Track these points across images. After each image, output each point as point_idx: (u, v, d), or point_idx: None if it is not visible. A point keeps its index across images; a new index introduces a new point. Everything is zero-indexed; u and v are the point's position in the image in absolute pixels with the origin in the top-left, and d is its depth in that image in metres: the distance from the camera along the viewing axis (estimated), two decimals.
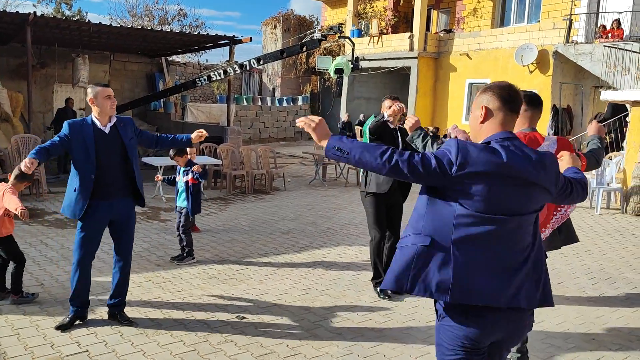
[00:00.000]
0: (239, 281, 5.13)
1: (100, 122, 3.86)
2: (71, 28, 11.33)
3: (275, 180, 11.27)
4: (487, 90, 2.16)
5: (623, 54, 13.02)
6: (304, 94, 23.48)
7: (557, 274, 5.73)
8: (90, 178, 3.76)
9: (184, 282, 5.02)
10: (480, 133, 2.15)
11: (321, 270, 5.59)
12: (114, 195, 3.88)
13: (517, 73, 16.01)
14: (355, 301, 4.72)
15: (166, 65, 16.69)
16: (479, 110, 2.15)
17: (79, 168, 3.80)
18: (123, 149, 3.90)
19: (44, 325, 3.94)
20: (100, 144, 3.81)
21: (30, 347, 3.59)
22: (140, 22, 25.00)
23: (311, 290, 4.95)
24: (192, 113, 18.13)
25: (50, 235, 6.46)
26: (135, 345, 3.69)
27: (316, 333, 4.01)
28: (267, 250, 6.28)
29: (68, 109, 12.17)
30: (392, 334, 4.05)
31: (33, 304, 4.33)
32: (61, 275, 5.06)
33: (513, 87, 2.15)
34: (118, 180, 3.90)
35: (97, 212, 3.84)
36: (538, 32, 15.69)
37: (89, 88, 3.89)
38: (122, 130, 3.93)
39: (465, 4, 19.43)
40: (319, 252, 6.29)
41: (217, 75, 11.51)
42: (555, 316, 4.50)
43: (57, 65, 14.24)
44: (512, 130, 2.15)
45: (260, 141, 19.89)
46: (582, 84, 15.60)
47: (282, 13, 23.97)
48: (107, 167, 3.82)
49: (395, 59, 18.81)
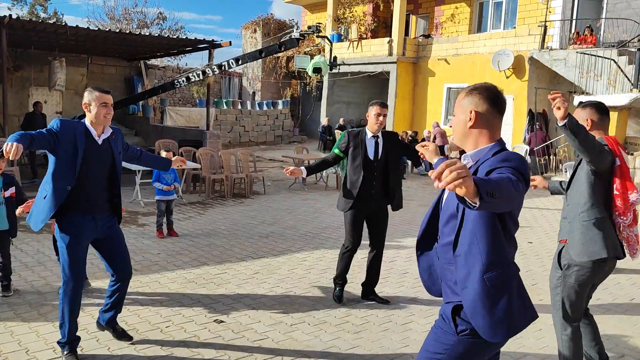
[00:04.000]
0: (217, 285, 5.13)
1: (95, 131, 3.48)
2: (47, 31, 11.22)
3: (255, 184, 11.28)
4: (472, 93, 2.10)
5: (595, 60, 13.32)
6: (284, 98, 23.51)
7: (532, 275, 5.84)
8: (66, 189, 3.35)
9: (162, 287, 5.01)
10: (469, 138, 2.10)
11: (299, 273, 5.62)
12: (96, 210, 3.51)
13: (494, 78, 16.24)
14: (333, 304, 4.75)
15: (145, 68, 16.59)
16: (466, 114, 2.08)
17: (56, 175, 3.36)
18: (113, 164, 3.57)
19: (18, 331, 3.90)
20: (90, 155, 3.42)
21: (5, 353, 3.56)
22: (119, 25, 24.78)
23: (289, 294, 4.97)
24: (171, 117, 18.02)
25: (25, 241, 6.38)
26: (112, 350, 3.68)
27: (293, 336, 4.03)
28: (245, 254, 6.29)
29: (36, 113, 12.00)
30: (369, 336, 4.10)
31: (8, 310, 4.29)
32: (36, 281, 5.00)
33: (497, 87, 2.12)
34: (100, 195, 3.53)
35: (83, 226, 3.46)
36: (514, 38, 15.98)
37: (86, 91, 3.50)
38: (114, 144, 3.60)
39: (444, 9, 19.72)
40: (298, 255, 6.32)
41: (195, 77, 11.49)
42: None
43: (34, 68, 14.07)
44: (499, 132, 2.12)
45: (241, 145, 19.83)
46: (557, 89, 15.91)
47: (262, 17, 24.01)
48: (92, 179, 3.46)
49: (374, 64, 18.96)
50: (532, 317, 2.10)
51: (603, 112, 3.31)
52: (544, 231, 8.10)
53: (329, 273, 5.64)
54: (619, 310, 4.84)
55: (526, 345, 4.02)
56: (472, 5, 18.97)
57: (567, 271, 3.24)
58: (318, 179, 12.58)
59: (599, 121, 3.27)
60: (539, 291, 5.31)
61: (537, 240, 7.52)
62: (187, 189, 10.45)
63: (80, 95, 15.21)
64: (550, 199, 11.00)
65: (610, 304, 4.99)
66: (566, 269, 3.24)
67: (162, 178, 7.00)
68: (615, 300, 5.11)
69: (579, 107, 3.36)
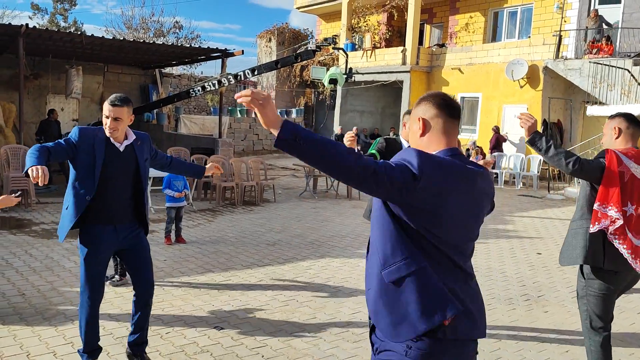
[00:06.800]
0: (221, 292, 5.16)
1: (115, 138, 3.34)
2: (64, 40, 11.44)
3: (265, 192, 11.33)
4: (420, 102, 2.04)
5: (609, 69, 13.19)
6: (298, 106, 23.62)
7: (538, 286, 5.78)
8: (85, 199, 3.25)
9: (165, 293, 5.05)
10: (422, 147, 1.99)
11: (304, 282, 5.63)
12: (117, 219, 3.38)
13: (507, 87, 16.18)
14: (334, 313, 4.75)
15: (160, 77, 16.80)
16: (417, 123, 2.01)
17: (76, 184, 3.28)
18: (137, 171, 3.41)
19: (21, 335, 3.96)
20: (111, 163, 3.30)
21: (7, 356, 3.61)
22: (136, 34, 25.16)
23: (292, 302, 4.98)
24: (186, 125, 18.22)
25: (35, 246, 6.48)
26: (111, 355, 3.71)
27: (292, 344, 4.04)
28: (251, 261, 6.32)
29: (51, 121, 12.23)
30: (369, 346, 4.07)
31: (13, 314, 4.36)
32: (43, 286, 5.08)
33: (446, 94, 2.05)
34: (123, 204, 3.40)
35: (102, 239, 3.35)
36: (528, 48, 15.89)
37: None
38: (139, 150, 3.42)
39: (458, 19, 19.69)
40: (304, 264, 6.33)
41: (211, 86, 11.60)
42: (531, 330, 4.54)
43: (51, 76, 14.31)
44: (456, 140, 2.04)
45: (254, 153, 19.96)
46: (572, 99, 15.76)
47: (276, 26, 24.20)
48: (114, 188, 3.33)
49: (388, 73, 18.98)
50: (443, 320, 1.83)
51: (631, 122, 3.35)
52: (554, 242, 8.00)
53: (332, 282, 5.64)
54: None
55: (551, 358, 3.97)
56: (486, 15, 18.92)
57: (589, 281, 3.29)
58: (329, 186, 12.59)
59: (626, 130, 3.30)
60: (545, 303, 5.25)
61: (546, 251, 7.43)
62: (197, 196, 10.54)
63: (95, 102, 15.47)
64: (563, 209, 10.87)
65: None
66: (587, 278, 3.30)
67: (173, 185, 7.06)
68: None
69: (609, 118, 3.42)
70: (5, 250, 6.24)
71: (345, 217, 9.36)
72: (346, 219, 9.24)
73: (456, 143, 2.05)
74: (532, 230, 8.90)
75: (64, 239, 3.47)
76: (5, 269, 5.52)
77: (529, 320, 4.77)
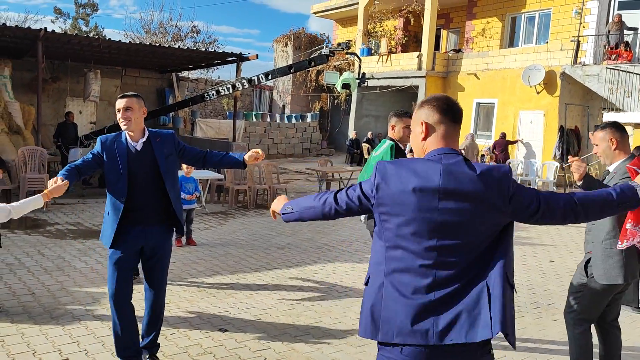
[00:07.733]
0: (227, 295, 5.17)
1: (131, 137, 3.43)
2: (82, 44, 11.62)
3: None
4: (423, 105, 2.06)
5: (627, 76, 12.99)
6: (314, 111, 23.66)
7: (549, 294, 5.70)
8: (121, 201, 3.36)
9: (172, 294, 5.07)
10: (423, 150, 2.05)
11: (311, 285, 5.62)
12: (146, 220, 3.43)
13: (524, 93, 16.03)
14: (340, 317, 4.73)
15: (176, 80, 16.97)
16: (419, 126, 2.04)
17: (111, 189, 3.40)
18: (155, 168, 3.42)
19: (29, 333, 4.02)
20: (132, 163, 3.38)
21: (13, 354, 3.67)
22: (154, 38, 25.45)
23: (297, 306, 4.98)
24: (201, 128, 18.36)
25: (48, 246, 6.58)
26: (113, 354, 3.74)
27: (296, 348, 4.03)
28: (260, 265, 6.33)
29: (68, 123, 12.42)
30: (372, 351, 4.05)
31: (22, 312, 4.42)
32: (53, 285, 5.15)
33: (450, 97, 2.08)
34: (150, 204, 3.43)
35: (128, 239, 3.40)
36: (546, 53, 15.73)
37: None
38: (157, 147, 3.46)
39: (475, 24, 19.58)
40: (312, 267, 6.33)
41: (226, 90, 11.68)
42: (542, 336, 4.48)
43: (70, 80, 14.54)
44: (457, 143, 2.05)
45: (269, 157, 20.01)
46: (589, 105, 15.54)
47: (293, 31, 24.31)
48: (139, 188, 3.39)
49: (403, 78, 18.92)
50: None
51: (623, 130, 3.33)
52: (567, 250, 7.88)
53: (339, 286, 5.63)
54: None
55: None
56: (503, 20, 18.79)
57: (591, 280, 3.30)
58: None
59: (621, 139, 3.28)
60: (555, 311, 5.17)
61: (559, 259, 7.33)
62: (210, 199, 10.60)
63: (113, 106, 15.65)
64: None
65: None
66: (591, 277, 3.30)
67: (184, 187, 7.11)
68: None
69: (597, 130, 3.38)
70: (19, 249, 6.35)
71: (356, 222, 9.32)
72: (357, 223, 9.20)
73: (456, 145, 2.05)
74: (546, 237, 8.78)
75: (110, 244, 3.41)
76: (17, 268, 5.61)
77: (538, 328, 4.70)
